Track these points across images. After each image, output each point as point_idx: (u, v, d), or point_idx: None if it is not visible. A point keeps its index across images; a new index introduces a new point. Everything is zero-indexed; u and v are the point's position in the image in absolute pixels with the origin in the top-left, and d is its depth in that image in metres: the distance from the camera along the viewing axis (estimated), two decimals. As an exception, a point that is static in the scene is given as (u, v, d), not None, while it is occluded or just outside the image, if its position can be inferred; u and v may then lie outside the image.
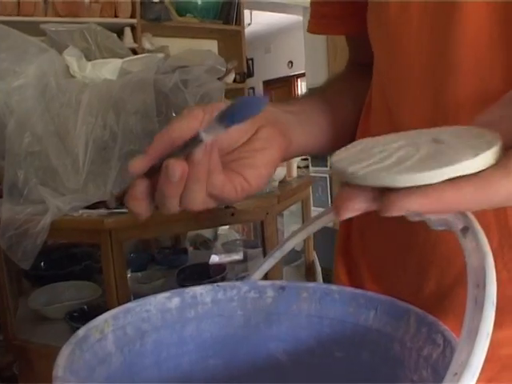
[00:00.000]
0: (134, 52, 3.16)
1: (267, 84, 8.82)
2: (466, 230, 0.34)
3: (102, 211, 1.14)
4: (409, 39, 0.47)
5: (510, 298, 0.44)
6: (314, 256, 1.80)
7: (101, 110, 1.21)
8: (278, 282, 0.54)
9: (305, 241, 1.70)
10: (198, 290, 0.53)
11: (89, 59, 1.53)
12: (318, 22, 0.66)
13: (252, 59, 8.66)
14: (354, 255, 0.60)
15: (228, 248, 2.15)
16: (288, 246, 0.55)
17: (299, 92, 8.27)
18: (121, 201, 0.48)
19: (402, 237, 0.50)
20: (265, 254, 1.30)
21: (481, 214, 0.44)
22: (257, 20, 6.01)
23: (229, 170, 0.45)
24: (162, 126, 1.16)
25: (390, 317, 0.47)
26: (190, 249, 2.20)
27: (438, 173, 0.28)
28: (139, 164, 0.43)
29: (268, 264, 0.56)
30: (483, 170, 0.28)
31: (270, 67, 8.30)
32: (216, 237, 2.45)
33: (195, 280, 1.66)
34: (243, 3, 3.76)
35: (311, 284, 0.53)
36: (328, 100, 0.59)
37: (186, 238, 2.18)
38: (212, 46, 3.95)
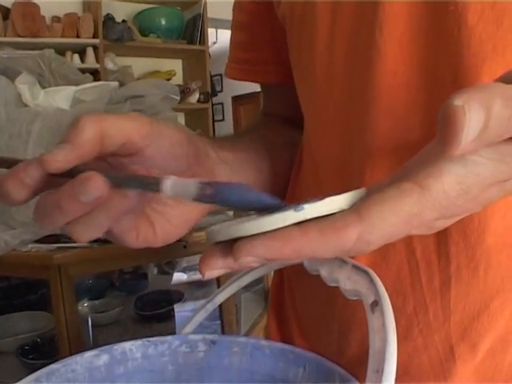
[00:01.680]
0: (97, 72, 3.15)
1: (236, 99, 8.85)
2: (375, 304, 0.34)
3: (51, 246, 1.12)
4: (330, 91, 0.48)
5: (426, 365, 0.44)
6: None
7: (51, 142, 1.19)
8: (208, 336, 0.53)
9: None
10: (127, 345, 0.52)
11: (43, 86, 1.51)
12: (238, 68, 0.65)
13: (220, 75, 8.68)
14: (285, 308, 0.60)
15: (192, 269, 2.14)
16: (220, 299, 0.55)
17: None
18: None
19: (324, 300, 0.50)
20: (218, 285, 1.30)
21: (396, 281, 0.44)
22: (223, 37, 6.04)
23: (141, 212, 0.39)
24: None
25: (317, 375, 0.46)
26: (155, 270, 2.18)
27: (280, 217, 0.27)
28: (61, 161, 0.32)
29: (199, 316, 0.56)
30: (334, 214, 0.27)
31: (239, 83, 8.28)
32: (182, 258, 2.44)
33: (153, 308, 1.65)
34: (207, 23, 3.76)
35: (242, 338, 0.53)
36: (263, 148, 0.57)
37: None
38: (176, 65, 3.94)
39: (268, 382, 0.51)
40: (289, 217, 0.27)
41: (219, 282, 1.28)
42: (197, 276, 2.06)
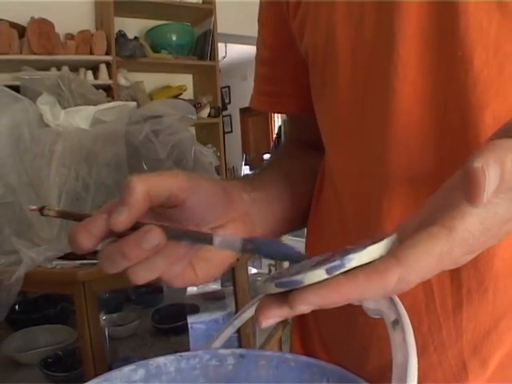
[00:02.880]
0: (110, 88, 3.21)
1: (244, 111, 8.91)
2: (396, 322, 0.38)
3: (75, 263, 1.16)
4: (352, 126, 0.52)
5: (441, 379, 0.48)
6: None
7: (73, 162, 1.24)
8: (237, 351, 0.57)
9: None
10: (162, 360, 0.56)
11: (62, 106, 1.56)
12: (264, 100, 0.71)
13: (229, 87, 8.74)
14: (308, 325, 0.64)
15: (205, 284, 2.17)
16: (246, 316, 0.59)
17: (275, 120, 8.36)
18: (63, 216, 0.44)
19: (346, 318, 0.54)
20: (236, 299, 1.33)
21: (413, 302, 0.48)
22: (232, 50, 6.11)
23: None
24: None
25: (340, 386, 0.50)
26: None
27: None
28: (124, 221, 0.39)
29: (228, 332, 0.59)
30: (376, 260, 0.31)
31: (247, 95, 8.33)
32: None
33: (170, 321, 1.68)
34: (217, 39, 3.82)
35: (268, 352, 0.56)
36: (287, 181, 0.62)
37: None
38: (187, 79, 4.00)
39: (294, 392, 0.54)
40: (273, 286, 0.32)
41: (236, 294, 1.32)
42: (208, 287, 2.10)
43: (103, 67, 3.30)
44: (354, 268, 0.31)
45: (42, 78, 1.65)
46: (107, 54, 3.31)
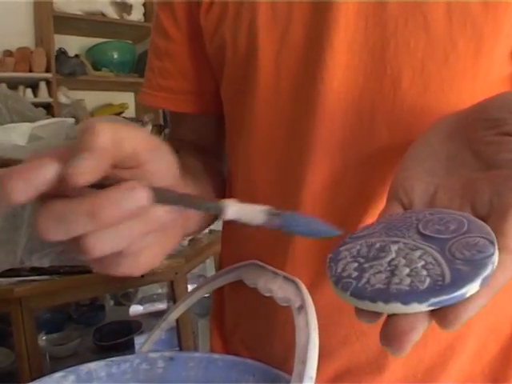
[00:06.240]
0: (50, 106, 3.17)
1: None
2: (301, 308, 0.41)
3: (12, 279, 1.15)
4: (276, 124, 0.53)
5: (364, 363, 0.53)
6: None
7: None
8: (166, 354, 0.59)
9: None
10: (92, 366, 0.58)
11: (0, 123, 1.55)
12: (157, 95, 0.65)
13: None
14: (228, 328, 0.66)
15: (149, 300, 2.17)
16: (172, 318, 0.61)
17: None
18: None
19: (267, 318, 0.57)
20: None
21: (334, 297, 0.51)
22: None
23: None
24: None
25: (265, 381, 0.53)
26: (111, 303, 2.21)
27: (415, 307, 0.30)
28: (89, 173, 0.29)
29: (155, 335, 0.62)
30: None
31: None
32: (137, 289, 2.46)
33: (112, 339, 1.68)
34: (159, 56, 3.84)
35: (197, 354, 0.59)
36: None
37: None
38: (129, 98, 3.98)
39: (222, 390, 0.57)
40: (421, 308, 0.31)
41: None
42: (153, 307, 2.10)
43: (43, 85, 3.25)
44: None
45: (-23, 94, 1.63)
46: (47, 71, 3.27)
